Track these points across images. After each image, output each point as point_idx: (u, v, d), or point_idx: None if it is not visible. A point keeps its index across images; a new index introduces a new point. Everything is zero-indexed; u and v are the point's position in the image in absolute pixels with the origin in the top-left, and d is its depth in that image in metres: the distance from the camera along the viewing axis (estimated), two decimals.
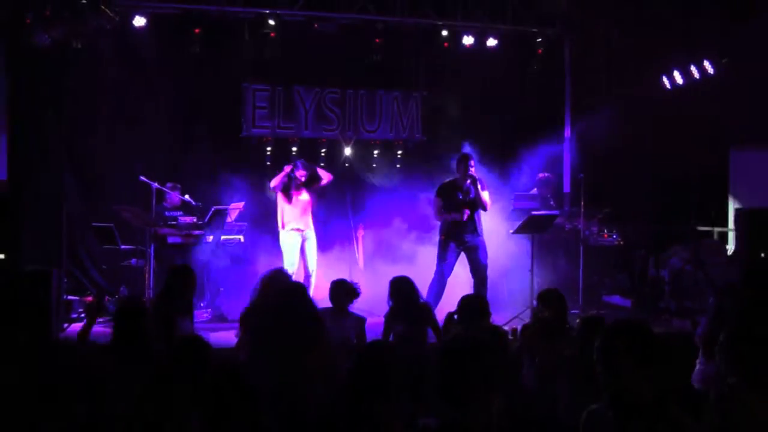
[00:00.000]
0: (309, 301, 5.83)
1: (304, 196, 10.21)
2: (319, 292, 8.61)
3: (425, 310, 7.24)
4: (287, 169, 10.21)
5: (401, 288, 7.07)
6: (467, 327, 5.98)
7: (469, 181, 9.56)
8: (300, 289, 5.89)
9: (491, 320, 8.82)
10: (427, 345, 7.08)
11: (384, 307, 7.43)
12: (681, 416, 3.45)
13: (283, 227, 10.18)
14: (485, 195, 9.65)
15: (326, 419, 3.96)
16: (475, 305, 6.15)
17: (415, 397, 3.86)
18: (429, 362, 4.07)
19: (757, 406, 3.75)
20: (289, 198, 10.14)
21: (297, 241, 10.17)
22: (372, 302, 8.95)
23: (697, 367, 6.09)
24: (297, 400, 4.48)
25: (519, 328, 6.42)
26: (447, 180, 9.81)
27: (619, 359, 3.47)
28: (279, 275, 6.53)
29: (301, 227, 10.19)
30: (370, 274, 10.92)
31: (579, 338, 5.41)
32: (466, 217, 9.53)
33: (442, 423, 3.46)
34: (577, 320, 6.53)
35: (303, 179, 10.21)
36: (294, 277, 9.86)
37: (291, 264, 10.02)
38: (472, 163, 9.60)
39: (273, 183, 10.20)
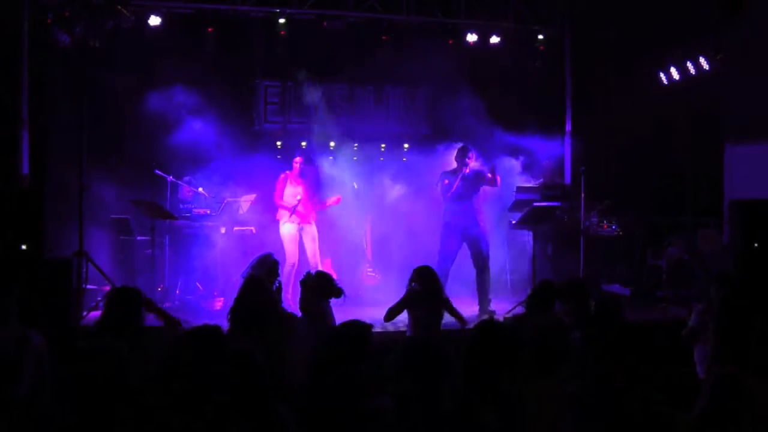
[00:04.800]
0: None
1: (300, 189, 10.40)
2: None
3: (445, 298, 7.37)
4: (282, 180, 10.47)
5: (425, 276, 7.15)
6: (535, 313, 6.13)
7: (470, 172, 9.66)
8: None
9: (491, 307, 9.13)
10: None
11: (390, 295, 7.65)
12: (653, 396, 3.67)
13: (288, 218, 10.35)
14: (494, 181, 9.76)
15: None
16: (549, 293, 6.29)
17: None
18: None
19: (753, 388, 3.86)
20: (282, 195, 10.37)
21: (295, 233, 10.31)
22: (379, 290, 9.26)
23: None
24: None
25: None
26: (449, 169, 9.94)
27: (598, 351, 3.78)
28: (267, 259, 6.83)
29: (298, 220, 10.33)
30: (377, 264, 11.24)
31: (597, 319, 5.66)
32: (465, 205, 9.65)
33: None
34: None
35: (298, 165, 10.44)
36: (294, 267, 10.16)
37: (293, 254, 10.23)
38: (471, 155, 9.70)
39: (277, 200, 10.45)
